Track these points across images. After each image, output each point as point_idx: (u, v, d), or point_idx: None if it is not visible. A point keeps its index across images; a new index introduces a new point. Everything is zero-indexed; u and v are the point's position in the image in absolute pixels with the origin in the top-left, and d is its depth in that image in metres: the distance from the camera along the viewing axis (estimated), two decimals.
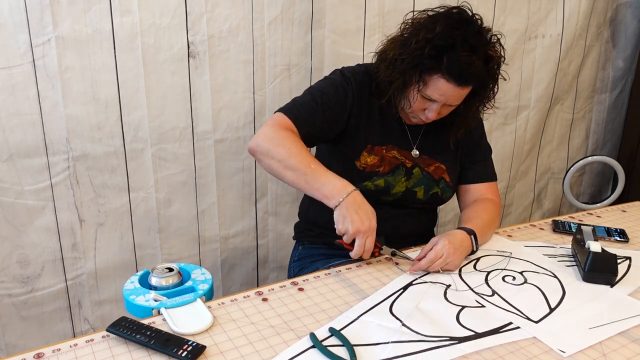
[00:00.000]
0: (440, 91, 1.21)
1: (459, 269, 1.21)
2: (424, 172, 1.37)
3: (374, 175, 1.33)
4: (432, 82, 1.21)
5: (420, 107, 1.27)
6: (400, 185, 1.35)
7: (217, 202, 1.75)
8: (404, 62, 1.22)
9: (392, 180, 1.34)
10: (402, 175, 1.35)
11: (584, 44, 2.29)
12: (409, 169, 1.36)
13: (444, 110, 1.27)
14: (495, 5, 2.01)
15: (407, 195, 1.36)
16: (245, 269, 1.89)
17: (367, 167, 1.33)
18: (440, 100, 1.23)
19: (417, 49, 1.19)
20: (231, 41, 1.60)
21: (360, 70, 1.35)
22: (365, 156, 1.33)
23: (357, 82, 1.32)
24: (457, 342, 0.95)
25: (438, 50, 1.18)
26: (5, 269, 1.51)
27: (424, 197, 1.37)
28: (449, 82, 1.19)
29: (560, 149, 2.48)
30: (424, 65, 1.19)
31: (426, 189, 1.37)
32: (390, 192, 1.34)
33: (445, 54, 1.17)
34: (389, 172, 1.33)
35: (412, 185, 1.36)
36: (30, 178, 1.47)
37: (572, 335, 0.97)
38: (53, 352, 0.89)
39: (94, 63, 1.45)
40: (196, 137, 1.65)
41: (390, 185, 1.34)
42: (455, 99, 1.24)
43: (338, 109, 1.31)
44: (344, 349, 0.91)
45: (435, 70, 1.19)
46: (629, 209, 1.60)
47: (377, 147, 1.34)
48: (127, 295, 1.10)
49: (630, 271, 1.21)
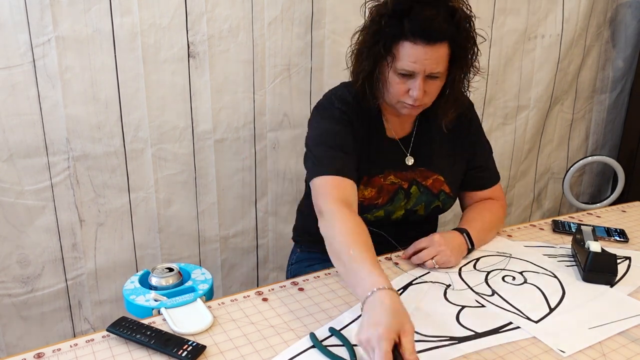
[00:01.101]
0: (411, 57, 1.12)
1: (459, 268, 1.21)
2: (422, 187, 1.32)
3: (373, 208, 1.28)
4: (400, 51, 1.13)
5: (402, 89, 1.17)
6: (400, 210, 1.32)
7: (217, 202, 1.75)
8: (367, 43, 1.17)
9: (392, 208, 1.30)
10: (402, 200, 1.30)
11: (584, 44, 2.29)
12: (406, 191, 1.31)
13: (429, 87, 1.17)
14: (495, 5, 2.01)
15: (407, 215, 1.33)
16: (245, 269, 1.89)
17: (365, 200, 1.27)
18: (417, 69, 1.13)
19: (374, 25, 1.15)
20: (231, 41, 1.60)
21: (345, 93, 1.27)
22: (362, 190, 1.26)
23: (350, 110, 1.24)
24: (457, 342, 0.95)
25: (397, 18, 1.12)
26: (5, 269, 1.51)
27: (425, 213, 1.34)
28: (417, 43, 1.10)
29: (560, 149, 2.48)
30: (385, 36, 1.13)
31: (427, 204, 1.33)
32: (391, 218, 1.32)
33: (405, 18, 1.11)
34: (387, 202, 1.29)
35: (412, 205, 1.32)
36: (30, 178, 1.47)
37: (572, 335, 0.97)
38: (53, 352, 0.89)
39: (94, 63, 1.45)
40: (196, 137, 1.65)
41: (390, 212, 1.31)
42: (431, 62, 1.13)
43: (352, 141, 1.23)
44: (344, 349, 0.91)
45: (398, 37, 1.12)
46: (628, 209, 1.60)
47: (375, 178, 1.27)
48: (127, 295, 1.10)
49: (630, 271, 1.21)
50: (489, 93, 2.14)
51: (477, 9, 1.95)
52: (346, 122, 1.23)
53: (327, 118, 1.25)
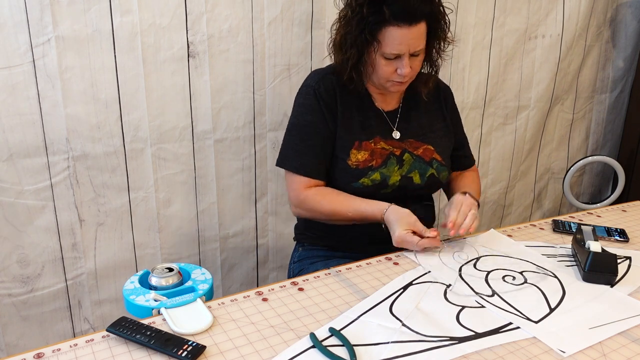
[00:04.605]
0: (396, 40, 1.21)
1: (459, 267, 1.21)
2: (414, 155, 1.38)
3: (369, 170, 1.33)
4: (385, 36, 1.21)
5: (390, 70, 1.27)
6: (396, 175, 1.35)
7: (217, 202, 1.75)
8: (351, 33, 1.24)
9: (387, 171, 1.34)
10: (395, 165, 1.36)
11: (584, 44, 2.29)
12: (399, 157, 1.37)
13: (414, 63, 1.27)
14: (495, 5, 2.01)
15: (404, 183, 1.36)
16: (245, 268, 1.89)
17: (360, 163, 1.33)
18: (403, 50, 1.23)
19: (356, 15, 1.21)
20: (231, 41, 1.60)
21: (328, 72, 1.37)
22: (355, 154, 1.33)
23: (327, 89, 1.34)
24: (457, 342, 0.95)
25: (375, 5, 1.19)
26: (5, 269, 1.51)
27: (421, 181, 1.38)
28: (401, 27, 1.20)
29: (560, 149, 2.48)
30: (369, 24, 1.21)
31: (421, 172, 1.38)
32: (388, 184, 1.35)
33: (383, 4, 1.19)
34: (382, 165, 1.34)
35: (406, 171, 1.37)
36: (30, 178, 1.47)
37: (572, 335, 0.97)
38: (53, 352, 0.89)
39: (94, 63, 1.45)
40: (196, 136, 1.65)
41: (386, 177, 1.34)
42: (414, 41, 1.23)
43: (325, 131, 1.34)
44: (344, 349, 0.91)
45: (382, 23, 1.21)
46: (629, 208, 1.60)
47: (365, 142, 1.35)
48: (127, 295, 1.10)
49: (630, 271, 1.21)
50: (489, 93, 2.14)
51: (477, 9, 1.97)
52: (317, 111, 1.33)
53: (301, 106, 1.36)
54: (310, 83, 1.36)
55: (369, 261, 1.23)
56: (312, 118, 1.34)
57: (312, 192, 1.34)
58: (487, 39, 2.04)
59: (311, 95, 1.34)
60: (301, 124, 1.35)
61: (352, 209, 1.31)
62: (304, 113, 1.35)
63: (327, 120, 1.33)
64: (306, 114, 1.35)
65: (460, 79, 2.04)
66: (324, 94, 1.33)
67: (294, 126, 1.37)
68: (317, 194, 1.34)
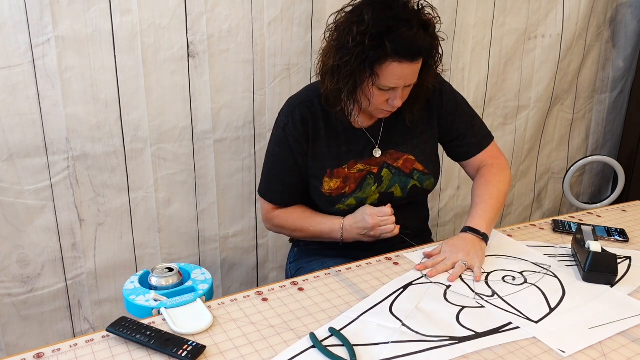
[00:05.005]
0: (395, 76, 1.19)
1: None
2: (393, 169, 1.36)
3: (342, 197, 1.33)
4: (385, 70, 1.18)
5: (382, 100, 1.24)
6: (374, 194, 1.35)
7: (216, 202, 1.75)
8: (349, 64, 1.18)
9: (362, 194, 1.34)
10: (372, 184, 1.34)
11: (584, 44, 2.29)
12: (377, 175, 1.35)
13: (405, 93, 1.26)
14: (495, 5, 2.01)
15: (383, 198, 1.35)
16: (245, 268, 1.89)
17: (333, 191, 1.33)
18: (399, 85, 1.21)
19: (357, 45, 1.17)
20: (231, 41, 1.60)
21: (301, 101, 1.33)
22: (328, 182, 1.33)
23: (296, 124, 1.31)
24: (457, 342, 0.95)
25: (378, 39, 1.15)
26: (5, 269, 1.51)
27: (402, 194, 1.37)
28: (402, 62, 1.17)
29: (560, 149, 2.48)
30: (370, 58, 1.17)
31: (402, 186, 1.36)
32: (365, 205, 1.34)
33: (387, 39, 1.15)
34: (356, 189, 1.34)
35: (386, 188, 1.36)
36: (30, 178, 1.47)
37: (572, 335, 0.97)
38: (53, 352, 0.89)
39: (94, 63, 1.45)
40: (196, 136, 1.65)
41: (362, 199, 1.34)
42: (412, 76, 1.22)
43: (290, 164, 1.35)
44: (344, 349, 0.91)
45: (383, 58, 1.17)
46: (629, 208, 1.60)
47: (337, 170, 1.33)
48: (127, 295, 1.10)
49: (630, 271, 1.21)
50: (489, 93, 2.13)
51: (477, 9, 1.97)
52: (283, 144, 1.34)
53: (273, 137, 1.37)
54: (281, 117, 1.35)
55: (369, 261, 1.23)
56: (280, 150, 1.35)
57: (277, 212, 1.41)
58: (487, 39, 2.04)
59: (281, 129, 1.33)
60: (271, 153, 1.39)
61: (314, 224, 1.36)
62: (273, 144, 1.37)
63: (296, 154, 1.33)
64: (275, 145, 1.36)
65: (460, 79, 2.04)
66: (292, 130, 1.31)
67: (267, 154, 1.41)
68: (282, 213, 1.40)
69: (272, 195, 1.40)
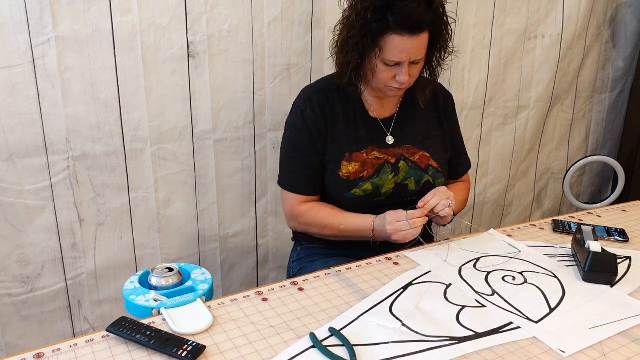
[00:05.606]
0: (398, 48, 1.22)
1: (459, 267, 1.20)
2: (410, 162, 1.38)
3: (360, 181, 1.34)
4: (388, 43, 1.22)
5: (389, 76, 1.27)
6: (389, 183, 1.36)
7: (217, 201, 1.75)
8: (354, 37, 1.24)
9: (379, 180, 1.35)
10: (389, 173, 1.36)
11: (584, 44, 2.29)
12: (394, 165, 1.37)
13: (413, 71, 1.28)
14: (495, 5, 2.01)
15: (398, 190, 1.37)
16: (245, 268, 1.89)
17: (351, 175, 1.34)
18: (403, 58, 1.23)
19: (360, 19, 1.21)
20: (231, 41, 1.60)
21: (317, 88, 1.39)
22: (346, 165, 1.35)
23: (314, 108, 1.35)
24: (457, 342, 0.95)
25: (380, 12, 1.20)
26: (5, 269, 1.51)
27: (416, 188, 1.38)
28: (403, 35, 1.20)
29: (560, 149, 2.48)
30: (372, 30, 1.21)
31: (417, 179, 1.38)
32: (381, 192, 1.35)
33: (388, 12, 1.19)
34: (373, 175, 1.35)
35: (402, 179, 1.37)
36: (30, 178, 1.47)
37: (572, 335, 0.97)
38: (53, 352, 0.89)
39: (94, 63, 1.45)
40: (196, 136, 1.65)
41: (378, 186, 1.35)
42: (416, 51, 1.24)
43: (311, 149, 1.36)
44: (344, 349, 0.91)
45: (385, 30, 1.21)
46: (629, 208, 1.60)
47: (356, 154, 1.35)
48: (127, 295, 1.10)
49: (630, 271, 1.21)
50: (489, 93, 2.14)
51: (477, 9, 1.97)
52: (303, 129, 1.35)
53: (290, 126, 1.39)
54: (298, 103, 1.39)
55: (369, 261, 1.23)
56: (299, 137, 1.36)
57: (305, 207, 1.38)
58: (487, 39, 2.04)
59: (298, 115, 1.36)
60: (290, 142, 1.39)
61: (345, 221, 1.35)
62: (291, 132, 1.39)
63: (315, 138, 1.35)
64: (293, 134, 1.38)
65: (460, 79, 2.04)
66: (310, 114, 1.35)
67: (283, 145, 1.41)
68: (310, 209, 1.38)
69: (299, 185, 1.38)
